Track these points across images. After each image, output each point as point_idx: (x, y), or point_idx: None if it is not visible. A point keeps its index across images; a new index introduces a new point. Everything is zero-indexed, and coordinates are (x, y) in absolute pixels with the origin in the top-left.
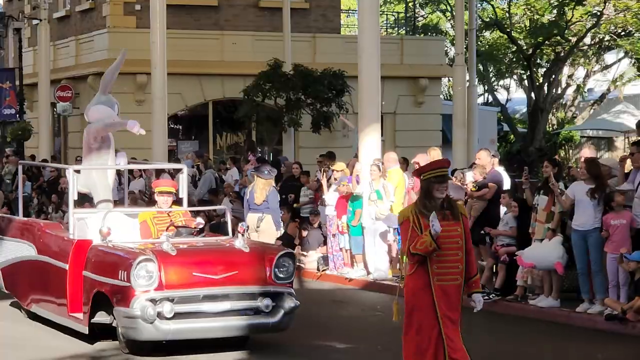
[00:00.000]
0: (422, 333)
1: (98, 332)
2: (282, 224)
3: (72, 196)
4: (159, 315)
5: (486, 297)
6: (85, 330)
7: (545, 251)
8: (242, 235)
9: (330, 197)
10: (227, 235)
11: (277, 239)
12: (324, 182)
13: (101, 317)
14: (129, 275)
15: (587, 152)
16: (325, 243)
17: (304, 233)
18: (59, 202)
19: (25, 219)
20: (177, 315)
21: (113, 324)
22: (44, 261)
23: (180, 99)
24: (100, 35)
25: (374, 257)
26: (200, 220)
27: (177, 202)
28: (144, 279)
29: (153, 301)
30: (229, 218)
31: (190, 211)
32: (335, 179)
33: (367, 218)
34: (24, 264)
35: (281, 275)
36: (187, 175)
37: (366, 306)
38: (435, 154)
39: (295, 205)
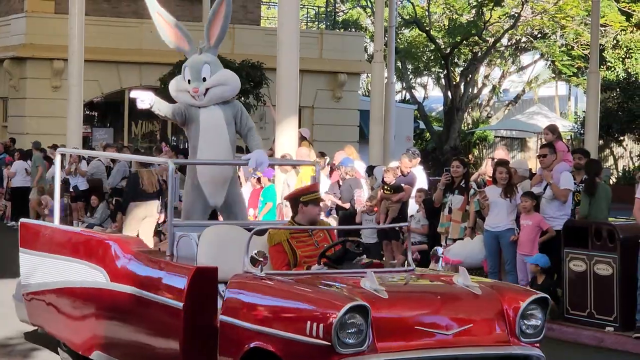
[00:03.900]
0: None
1: None
2: None
3: (172, 201)
4: None
5: None
6: None
7: (473, 248)
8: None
9: (246, 190)
10: (410, 265)
11: None
12: (241, 174)
13: None
14: (328, 331)
15: (500, 153)
16: None
17: None
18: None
19: (74, 228)
20: None
21: None
22: (130, 294)
23: (96, 86)
24: (18, 19)
25: None
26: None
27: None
28: (354, 336)
29: None
30: (409, 236)
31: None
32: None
33: None
34: (81, 293)
35: (528, 332)
36: (102, 165)
37: None
38: (351, 152)
39: None
